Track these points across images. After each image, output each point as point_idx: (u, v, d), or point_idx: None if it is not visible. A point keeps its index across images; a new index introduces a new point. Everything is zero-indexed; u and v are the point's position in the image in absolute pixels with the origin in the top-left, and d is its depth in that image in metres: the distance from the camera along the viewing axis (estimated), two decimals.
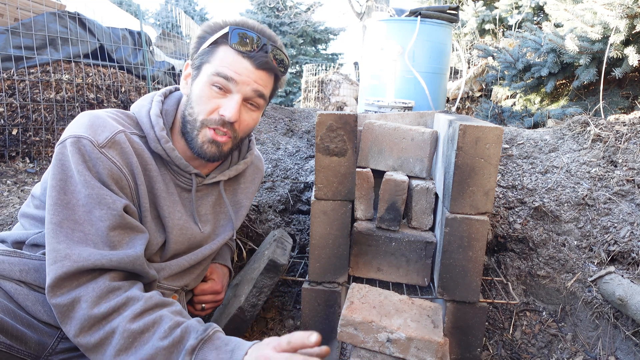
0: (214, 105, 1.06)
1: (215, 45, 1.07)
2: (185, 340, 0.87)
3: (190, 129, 1.08)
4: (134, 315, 0.88)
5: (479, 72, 4.97)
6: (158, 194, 1.08)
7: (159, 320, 0.89)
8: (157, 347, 0.85)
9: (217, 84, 1.05)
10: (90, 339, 0.87)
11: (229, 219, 1.28)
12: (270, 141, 2.50)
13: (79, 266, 0.88)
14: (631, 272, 1.58)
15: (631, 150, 1.93)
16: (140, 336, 0.87)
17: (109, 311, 0.88)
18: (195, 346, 0.85)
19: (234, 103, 1.05)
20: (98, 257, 0.90)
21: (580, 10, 2.81)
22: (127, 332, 0.86)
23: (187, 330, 0.89)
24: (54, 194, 0.93)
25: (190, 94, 1.09)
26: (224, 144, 1.09)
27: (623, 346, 1.49)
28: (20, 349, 0.92)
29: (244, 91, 1.06)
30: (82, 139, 0.95)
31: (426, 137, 1.50)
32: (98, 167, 0.95)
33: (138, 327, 0.87)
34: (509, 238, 1.83)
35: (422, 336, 1.12)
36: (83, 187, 0.93)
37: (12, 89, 2.88)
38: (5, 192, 2.40)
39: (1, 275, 1.00)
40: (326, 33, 17.23)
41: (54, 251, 0.89)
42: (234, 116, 1.05)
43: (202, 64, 1.08)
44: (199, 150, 1.09)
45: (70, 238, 0.91)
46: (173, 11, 18.38)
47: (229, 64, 1.05)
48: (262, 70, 1.08)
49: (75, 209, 0.92)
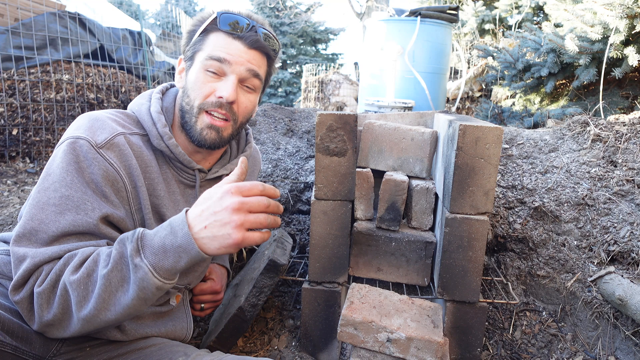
0: (209, 89, 1.05)
1: (206, 34, 1.08)
2: (125, 251, 0.84)
3: (188, 117, 1.08)
4: (73, 268, 0.85)
5: (479, 72, 4.97)
6: (159, 194, 1.08)
7: (97, 257, 0.86)
8: (104, 275, 0.83)
9: (211, 68, 1.05)
10: (54, 311, 0.86)
11: None
12: (270, 141, 2.50)
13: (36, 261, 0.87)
14: (631, 272, 1.58)
15: (631, 150, 1.93)
16: (88, 279, 0.84)
17: (54, 279, 0.86)
18: (136, 246, 0.83)
19: (230, 83, 1.05)
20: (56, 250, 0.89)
21: (580, 10, 2.81)
22: (75, 283, 0.84)
23: (120, 243, 0.86)
24: (33, 193, 0.94)
25: (185, 85, 1.10)
26: (223, 129, 1.08)
27: (623, 346, 1.49)
28: (25, 350, 0.92)
29: (239, 71, 1.06)
30: (80, 139, 0.94)
31: (426, 137, 1.50)
32: (93, 167, 0.94)
33: (82, 274, 0.84)
34: (509, 238, 1.83)
35: (422, 336, 1.12)
36: (62, 187, 0.91)
37: (12, 89, 2.88)
38: (6, 192, 2.40)
39: (5, 276, 1.00)
40: (326, 33, 17.23)
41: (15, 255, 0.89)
42: (232, 95, 1.04)
43: (194, 53, 1.08)
44: (198, 137, 1.07)
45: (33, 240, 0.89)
46: (173, 11, 18.37)
47: (220, 46, 1.05)
48: (254, 49, 1.08)
49: (46, 207, 0.90)
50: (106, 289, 0.83)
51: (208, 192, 0.86)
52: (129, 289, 0.83)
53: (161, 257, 0.82)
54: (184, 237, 0.82)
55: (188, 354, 1.04)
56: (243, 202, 0.82)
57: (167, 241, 0.82)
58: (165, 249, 0.82)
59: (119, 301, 0.84)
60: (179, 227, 0.83)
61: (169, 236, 0.83)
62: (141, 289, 0.83)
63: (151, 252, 0.83)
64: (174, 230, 0.83)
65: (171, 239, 0.82)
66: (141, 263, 0.82)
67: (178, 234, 0.82)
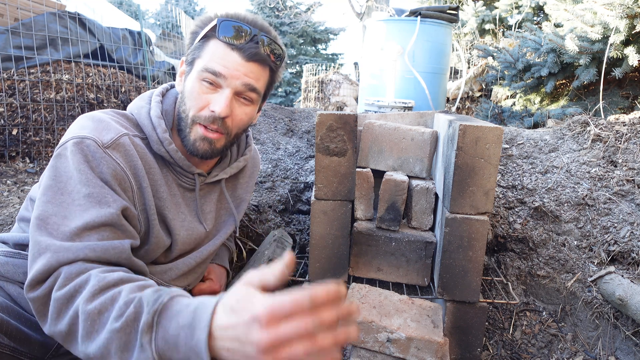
0: (204, 101, 1.03)
1: (206, 39, 1.05)
2: (140, 316, 0.72)
3: (183, 126, 1.06)
4: (91, 294, 0.77)
5: (479, 72, 4.97)
6: (162, 196, 1.07)
7: (117, 297, 0.76)
8: (111, 330, 0.73)
9: (207, 79, 1.02)
10: (61, 327, 0.79)
11: (230, 214, 1.28)
12: (270, 141, 2.50)
13: (59, 257, 0.82)
14: (631, 272, 1.58)
15: (631, 150, 1.93)
16: (98, 318, 0.75)
17: (71, 292, 0.79)
18: (151, 322, 0.71)
19: (224, 98, 1.02)
20: (80, 248, 0.83)
21: (580, 10, 2.81)
22: (85, 314, 0.76)
23: (140, 303, 0.74)
24: (49, 193, 0.89)
25: (183, 90, 1.08)
26: (216, 141, 1.07)
27: (623, 346, 1.49)
28: (23, 351, 0.92)
29: (234, 85, 1.02)
30: (86, 139, 0.93)
31: (426, 137, 1.50)
32: (102, 166, 0.93)
33: (94, 308, 0.76)
34: (509, 238, 1.83)
35: (422, 336, 1.12)
36: (83, 187, 0.90)
37: (12, 89, 2.88)
38: (5, 192, 2.40)
39: (5, 278, 1.00)
40: (326, 33, 17.22)
41: (36, 244, 0.84)
42: (224, 111, 1.01)
43: (194, 59, 1.06)
44: (191, 147, 1.06)
45: (55, 232, 0.85)
46: (173, 11, 18.37)
47: (217, 57, 1.02)
48: (252, 62, 1.03)
49: (70, 207, 0.88)
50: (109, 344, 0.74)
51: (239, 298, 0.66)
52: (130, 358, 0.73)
53: (171, 348, 0.70)
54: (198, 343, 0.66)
55: None
56: (275, 339, 0.60)
57: (182, 334, 0.69)
58: (177, 343, 0.70)
59: None
60: (199, 327, 0.67)
61: (185, 329, 0.69)
62: None
63: (163, 337, 0.71)
64: (192, 325, 0.68)
65: (186, 334, 0.69)
66: (148, 347, 0.71)
67: (195, 334, 0.68)
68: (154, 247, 1.06)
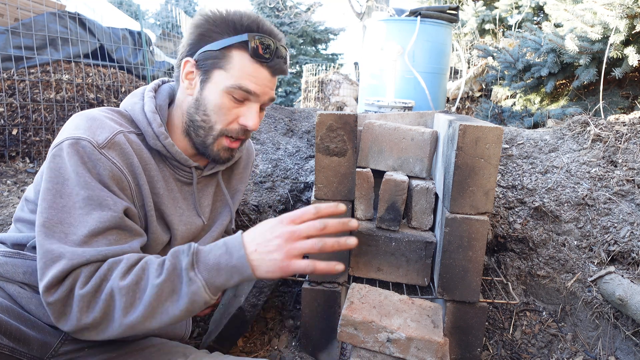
0: (233, 115, 1.06)
1: (228, 50, 1.02)
2: (178, 264, 0.86)
3: (203, 134, 1.07)
4: (121, 274, 0.86)
5: (479, 72, 4.97)
6: (160, 192, 1.07)
7: (146, 266, 0.88)
8: (156, 285, 0.84)
9: (238, 96, 1.04)
10: (94, 315, 0.85)
11: (226, 205, 1.29)
12: (270, 141, 2.50)
13: (73, 263, 0.85)
14: (631, 272, 1.58)
15: (631, 150, 1.93)
16: (136, 287, 0.85)
17: (97, 283, 0.86)
18: (192, 260, 0.86)
19: (255, 113, 1.06)
20: (93, 253, 0.87)
21: (580, 10, 2.81)
22: (124, 289, 0.84)
23: (175, 255, 0.88)
24: (48, 197, 0.90)
25: (200, 99, 1.05)
26: (236, 148, 1.14)
27: (623, 346, 1.49)
28: (23, 352, 0.92)
29: (263, 100, 1.08)
30: (81, 140, 0.92)
31: (426, 137, 1.50)
32: (99, 168, 0.93)
33: (131, 281, 0.85)
34: (509, 238, 1.83)
35: (422, 336, 1.12)
36: (82, 189, 0.90)
37: (12, 89, 2.88)
38: (5, 192, 2.40)
39: (4, 278, 0.99)
40: (326, 33, 17.22)
41: (49, 252, 0.86)
42: (256, 126, 1.07)
43: (213, 68, 1.03)
44: (214, 156, 1.11)
45: (64, 240, 0.88)
46: (173, 11, 18.37)
47: (249, 75, 1.02)
48: (276, 76, 1.09)
49: (72, 211, 0.89)
50: (157, 298, 0.84)
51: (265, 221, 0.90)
52: (179, 300, 0.85)
53: (214, 274, 0.85)
54: (240, 258, 0.85)
55: (187, 354, 1.04)
56: (292, 230, 0.85)
57: (222, 260, 0.85)
58: (219, 268, 0.85)
59: (166, 311, 0.86)
60: (235, 248, 0.86)
61: (224, 255, 0.86)
62: (191, 302, 0.85)
63: (205, 268, 0.85)
64: (229, 251, 0.86)
65: (226, 259, 0.85)
66: (195, 277, 0.85)
67: (234, 254, 0.85)
68: (153, 244, 1.06)
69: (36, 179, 1.04)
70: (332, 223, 0.86)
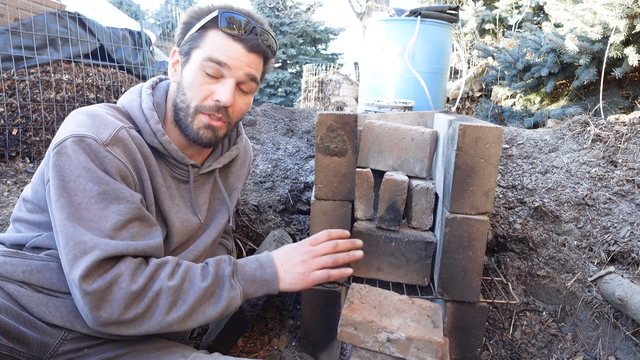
0: (207, 91, 1.05)
1: (204, 30, 1.05)
2: (221, 270, 1.01)
3: (183, 116, 1.07)
4: (168, 274, 0.95)
5: (479, 72, 4.97)
6: (158, 187, 1.08)
7: (188, 269, 0.98)
8: (202, 287, 0.95)
9: (209, 69, 1.03)
10: (137, 311, 0.90)
11: (223, 203, 1.28)
12: (270, 141, 2.50)
13: (107, 254, 0.88)
14: (631, 272, 1.58)
15: (631, 150, 1.93)
16: (181, 288, 0.94)
17: (146, 281, 0.92)
18: (233, 269, 1.01)
19: (229, 87, 1.04)
20: (124, 246, 0.91)
21: (580, 10, 2.81)
22: (171, 289, 0.93)
23: (217, 263, 1.02)
24: (62, 200, 0.90)
25: (180, 81, 1.08)
26: (219, 129, 1.09)
27: (623, 346, 1.49)
28: (21, 352, 0.92)
29: (237, 75, 1.05)
30: (86, 138, 0.92)
31: (426, 137, 1.50)
32: (106, 165, 0.93)
33: (177, 282, 0.94)
34: (509, 238, 1.83)
35: (422, 336, 1.12)
36: (95, 185, 0.91)
37: (12, 89, 2.88)
38: (5, 192, 2.40)
39: (4, 277, 0.99)
40: (326, 33, 17.21)
41: (81, 243, 0.88)
42: (229, 100, 1.04)
43: (191, 49, 1.06)
44: (194, 136, 1.08)
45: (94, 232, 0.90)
46: (173, 11, 18.36)
47: (220, 48, 1.03)
48: (253, 53, 1.06)
49: (89, 208, 0.90)
50: (200, 300, 0.95)
51: (287, 244, 1.15)
52: (217, 303, 0.97)
53: (249, 284, 1.03)
54: (271, 274, 1.04)
55: (186, 355, 1.04)
56: (311, 250, 1.08)
57: (257, 273, 1.04)
58: (254, 279, 1.03)
59: (203, 312, 0.96)
60: (268, 264, 1.05)
61: (258, 269, 1.04)
62: (227, 306, 0.98)
63: (243, 277, 1.02)
64: (262, 265, 1.05)
65: (260, 272, 1.04)
66: (236, 284, 1.00)
67: (267, 269, 1.05)
68: None
69: (34, 178, 1.04)
70: (342, 242, 1.10)
